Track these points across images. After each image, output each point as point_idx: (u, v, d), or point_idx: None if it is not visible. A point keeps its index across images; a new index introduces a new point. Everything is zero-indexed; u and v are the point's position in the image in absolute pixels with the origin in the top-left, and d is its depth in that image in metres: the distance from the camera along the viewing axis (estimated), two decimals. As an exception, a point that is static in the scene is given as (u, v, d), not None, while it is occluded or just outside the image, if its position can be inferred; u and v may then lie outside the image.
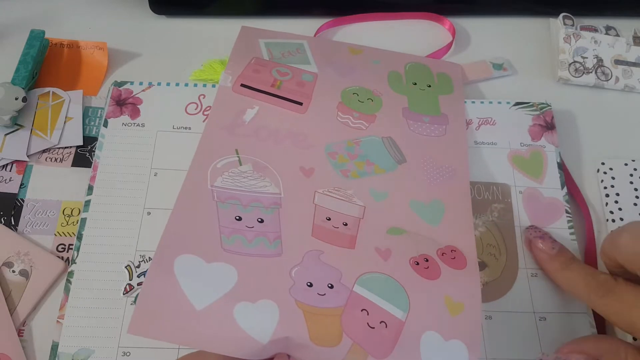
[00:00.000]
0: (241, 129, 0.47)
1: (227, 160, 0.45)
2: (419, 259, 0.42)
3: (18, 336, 0.41)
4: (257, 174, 0.45)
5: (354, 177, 0.46)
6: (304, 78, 0.51)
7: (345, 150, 0.47)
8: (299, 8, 0.59)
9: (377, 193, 0.45)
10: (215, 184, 0.44)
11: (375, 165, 0.46)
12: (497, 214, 0.46)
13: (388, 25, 0.60)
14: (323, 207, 0.44)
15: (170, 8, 0.59)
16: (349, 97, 0.50)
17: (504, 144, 0.49)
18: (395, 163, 0.47)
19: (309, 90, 0.50)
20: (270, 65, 0.51)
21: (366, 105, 0.50)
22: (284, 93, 0.49)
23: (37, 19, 0.57)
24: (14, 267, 0.43)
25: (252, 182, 0.44)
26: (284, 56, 0.52)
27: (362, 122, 0.48)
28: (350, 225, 0.43)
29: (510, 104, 0.51)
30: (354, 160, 0.46)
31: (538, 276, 0.44)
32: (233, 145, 0.46)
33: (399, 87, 0.52)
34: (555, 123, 0.51)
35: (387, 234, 0.43)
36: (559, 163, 0.48)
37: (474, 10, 0.60)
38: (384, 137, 0.48)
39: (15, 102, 0.49)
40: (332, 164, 0.46)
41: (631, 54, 0.56)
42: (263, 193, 0.44)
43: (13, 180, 0.47)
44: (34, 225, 0.45)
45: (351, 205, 0.44)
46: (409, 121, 0.49)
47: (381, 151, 0.47)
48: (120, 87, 0.50)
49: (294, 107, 0.48)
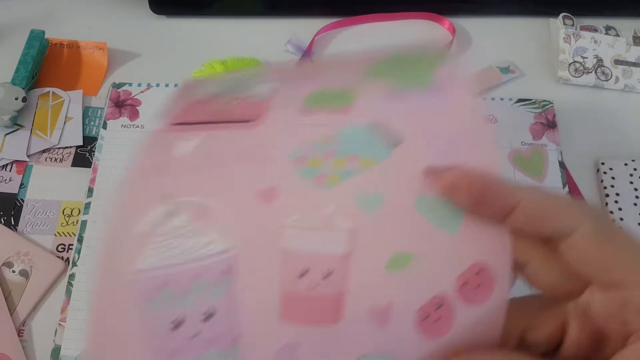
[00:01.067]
0: (173, 167, 0.35)
1: (153, 217, 0.32)
2: (429, 307, 0.31)
3: (18, 336, 0.41)
4: (197, 225, 0.32)
5: (334, 182, 0.33)
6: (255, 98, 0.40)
7: (317, 149, 0.34)
8: (299, 8, 0.59)
9: (368, 199, 0.32)
10: (137, 267, 0.31)
11: (360, 158, 0.34)
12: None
13: (388, 25, 0.60)
14: (293, 253, 0.31)
15: (170, 8, 0.59)
16: (314, 99, 0.38)
17: (504, 142, 0.49)
18: (387, 147, 0.34)
19: (263, 107, 0.38)
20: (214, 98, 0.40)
21: (338, 100, 0.38)
22: (230, 117, 0.38)
23: (37, 19, 0.57)
24: (14, 267, 0.43)
25: (190, 241, 0.31)
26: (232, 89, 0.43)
27: (335, 117, 0.36)
28: (336, 274, 0.30)
29: (512, 101, 0.51)
30: (330, 159, 0.34)
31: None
32: (163, 192, 0.33)
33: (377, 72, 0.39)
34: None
35: (386, 272, 0.31)
36: (560, 162, 0.48)
37: (473, 10, 0.60)
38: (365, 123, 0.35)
39: (15, 102, 0.49)
40: (300, 173, 0.34)
41: (631, 54, 0.56)
42: (208, 256, 0.31)
43: (13, 180, 0.47)
44: (34, 225, 0.45)
45: (333, 235, 0.32)
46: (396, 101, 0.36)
47: (367, 138, 0.35)
48: (118, 88, 0.50)
49: (244, 126, 0.37)
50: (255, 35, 0.58)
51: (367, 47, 0.56)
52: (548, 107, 0.51)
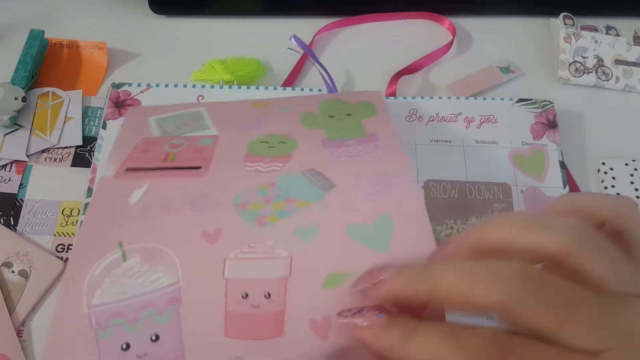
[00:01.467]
0: (125, 213, 0.37)
1: (108, 260, 0.35)
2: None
3: (17, 337, 0.41)
4: (147, 265, 0.35)
5: (273, 221, 0.36)
6: (202, 143, 0.43)
7: (259, 195, 0.38)
8: (299, 8, 0.59)
9: (305, 231, 0.35)
10: (92, 302, 0.33)
11: (297, 201, 0.37)
12: (498, 213, 0.46)
13: (388, 25, 0.60)
14: (236, 280, 0.34)
15: (170, 8, 0.59)
16: (257, 147, 0.42)
17: (505, 142, 0.49)
18: (321, 191, 0.38)
19: (209, 154, 0.42)
20: (161, 142, 0.43)
21: (278, 148, 0.42)
22: (178, 163, 0.41)
23: (36, 19, 0.57)
24: (13, 268, 0.43)
25: (139, 280, 0.34)
26: (179, 128, 0.45)
27: (276, 164, 0.40)
28: (275, 295, 0.33)
29: (512, 101, 0.51)
30: (270, 204, 0.37)
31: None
32: (117, 238, 0.36)
33: (314, 123, 0.45)
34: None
35: (323, 289, 0.33)
36: (560, 162, 0.48)
37: (474, 10, 0.60)
38: (302, 171, 0.40)
39: (15, 102, 0.49)
40: (242, 215, 0.37)
41: (631, 53, 0.55)
42: (156, 290, 0.34)
43: (12, 180, 0.47)
44: (34, 226, 0.45)
45: (272, 263, 0.34)
46: (332, 149, 0.42)
47: (303, 184, 0.39)
48: (118, 88, 0.50)
49: (191, 173, 0.40)
50: (255, 35, 0.58)
51: (368, 46, 0.57)
52: (548, 107, 0.51)
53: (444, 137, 0.49)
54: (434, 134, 0.49)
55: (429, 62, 0.56)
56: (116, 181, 0.40)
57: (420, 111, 0.50)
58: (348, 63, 0.56)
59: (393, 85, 0.53)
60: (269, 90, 0.51)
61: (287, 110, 0.46)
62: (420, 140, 0.49)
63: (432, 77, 0.56)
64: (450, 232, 0.45)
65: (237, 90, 0.51)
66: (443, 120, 0.50)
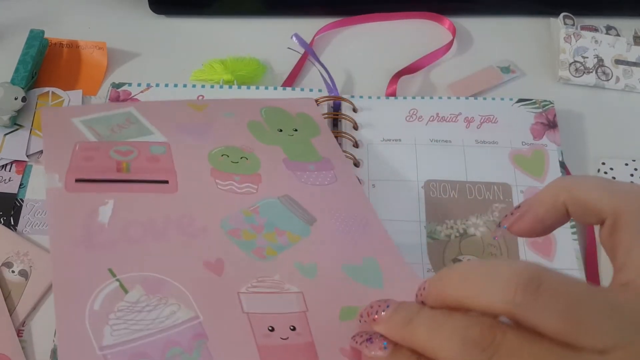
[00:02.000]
0: (101, 236, 0.35)
1: (104, 292, 0.32)
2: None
3: (17, 336, 0.41)
4: (155, 297, 0.33)
5: (272, 255, 0.37)
6: (153, 151, 0.41)
7: (246, 222, 0.38)
8: (299, 8, 0.59)
9: (305, 268, 0.37)
10: (104, 342, 0.30)
11: (287, 233, 0.39)
12: (497, 213, 0.46)
13: (388, 25, 0.60)
14: (258, 315, 0.34)
15: (170, 8, 0.59)
16: (219, 161, 0.42)
17: (505, 143, 0.49)
18: (305, 225, 0.40)
19: (168, 164, 0.40)
20: (103, 147, 0.40)
21: (242, 165, 0.42)
22: (137, 175, 0.39)
23: (36, 19, 0.57)
24: (13, 267, 0.43)
25: (152, 314, 0.32)
26: (114, 132, 0.42)
27: (249, 184, 0.41)
28: (300, 328, 0.33)
29: (512, 101, 0.51)
30: (261, 234, 0.38)
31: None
32: (102, 265, 0.33)
33: (266, 137, 0.45)
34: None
35: (340, 322, 0.34)
36: (561, 162, 0.48)
37: (474, 10, 0.60)
38: (279, 197, 0.41)
39: (15, 102, 0.49)
40: (239, 245, 0.37)
41: (632, 53, 0.55)
42: (175, 326, 0.32)
43: (12, 181, 0.47)
44: (34, 226, 0.45)
45: (288, 298, 0.35)
46: (296, 172, 0.43)
47: (285, 214, 0.40)
48: (118, 88, 0.50)
49: (160, 188, 0.39)
50: (255, 35, 0.58)
51: (368, 46, 0.57)
52: (548, 107, 0.51)
53: (444, 137, 0.49)
54: (434, 134, 0.49)
55: (429, 62, 0.56)
56: (69, 194, 0.37)
57: (420, 111, 0.50)
58: (348, 63, 0.56)
59: (393, 85, 0.53)
60: (269, 90, 0.51)
61: (229, 115, 0.46)
62: (420, 140, 0.49)
63: (432, 77, 0.56)
64: (450, 232, 0.45)
65: (237, 90, 0.51)
66: (443, 120, 0.50)
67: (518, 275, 0.24)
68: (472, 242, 0.45)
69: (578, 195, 0.28)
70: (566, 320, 0.23)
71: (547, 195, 0.29)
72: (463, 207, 0.46)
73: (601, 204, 0.27)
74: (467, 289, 0.25)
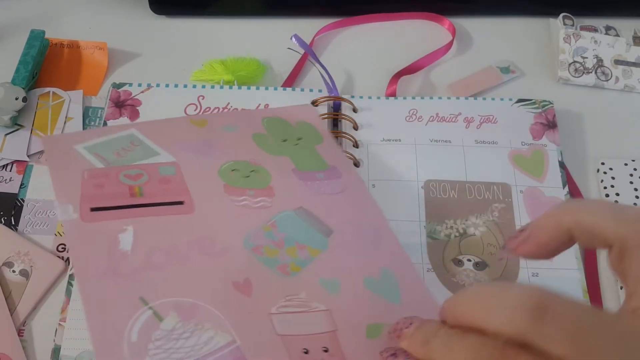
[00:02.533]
0: (126, 264, 0.35)
1: (139, 323, 0.32)
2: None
3: (18, 336, 0.41)
4: (190, 323, 0.33)
5: (295, 271, 0.37)
6: (163, 172, 0.41)
7: (267, 238, 0.38)
8: (299, 8, 0.59)
9: (329, 283, 0.37)
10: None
11: (307, 247, 0.38)
12: (497, 213, 0.46)
13: (388, 25, 0.60)
14: (292, 337, 0.34)
15: (170, 8, 0.59)
16: (230, 176, 0.42)
17: (504, 143, 0.49)
18: (324, 237, 0.39)
19: (181, 185, 0.40)
20: (112, 173, 0.40)
21: (253, 179, 0.42)
22: (151, 198, 0.39)
23: (37, 19, 0.57)
24: (14, 267, 0.43)
25: (190, 341, 0.32)
26: (121, 155, 0.42)
27: (264, 198, 0.41)
28: (332, 348, 0.34)
29: (512, 101, 0.51)
30: (283, 249, 0.38)
31: (539, 276, 0.44)
32: (132, 293, 0.33)
33: (272, 148, 0.45)
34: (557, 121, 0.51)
35: (367, 339, 0.34)
36: (560, 162, 0.48)
37: (474, 10, 0.60)
38: (295, 210, 0.41)
39: (16, 102, 0.49)
40: (264, 262, 0.37)
41: (631, 54, 0.56)
42: (216, 352, 0.32)
43: (13, 180, 0.47)
44: (34, 225, 0.45)
45: (317, 317, 0.35)
46: (306, 182, 0.43)
47: (302, 227, 0.40)
48: (118, 88, 0.50)
49: (176, 210, 0.38)
50: (255, 35, 0.58)
51: (368, 46, 0.57)
52: (548, 107, 0.51)
53: (444, 137, 0.49)
54: (433, 134, 0.49)
55: (429, 62, 0.56)
56: (87, 225, 0.37)
57: (420, 111, 0.51)
58: (348, 63, 0.56)
59: (393, 85, 0.54)
60: (269, 90, 0.51)
61: (230, 130, 0.46)
62: (420, 141, 0.49)
63: (432, 77, 0.56)
64: (450, 231, 0.45)
65: (237, 91, 0.51)
66: (443, 120, 0.50)
67: (525, 302, 0.24)
68: (471, 242, 0.45)
69: (583, 221, 0.28)
70: (574, 346, 0.23)
71: (551, 221, 0.29)
72: (463, 207, 0.46)
73: (607, 231, 0.27)
74: (478, 312, 0.26)
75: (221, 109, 0.50)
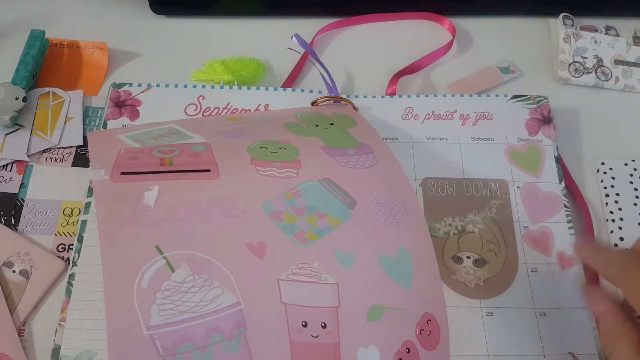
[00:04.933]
0: (148, 215, 0.35)
1: (152, 269, 0.33)
2: (402, 352, 0.35)
3: (18, 336, 0.41)
4: (200, 278, 0.33)
5: (312, 239, 0.36)
6: (194, 149, 0.41)
7: (287, 205, 0.38)
8: (299, 8, 0.59)
9: (344, 256, 0.36)
10: (151, 322, 0.31)
11: (328, 217, 0.38)
12: (495, 210, 0.46)
13: (388, 25, 0.60)
14: (295, 306, 0.34)
15: (170, 8, 0.59)
16: (258, 152, 0.41)
17: (501, 139, 0.49)
18: (347, 208, 0.39)
19: (209, 157, 0.40)
20: (147, 149, 0.41)
21: (281, 154, 0.41)
22: (180, 167, 0.39)
23: (37, 19, 0.58)
24: (14, 267, 0.43)
25: (197, 297, 0.32)
26: (156, 140, 0.43)
27: (289, 169, 0.40)
28: (330, 325, 0.34)
29: (507, 97, 0.51)
30: (303, 217, 0.37)
31: (538, 272, 0.44)
32: (149, 242, 0.34)
33: (303, 132, 0.44)
34: (555, 121, 0.51)
35: (367, 323, 0.34)
36: (556, 157, 0.48)
37: (474, 10, 0.60)
38: (320, 180, 0.40)
39: (16, 102, 0.49)
40: (281, 228, 0.37)
41: (631, 54, 0.56)
42: (217, 311, 0.32)
43: (13, 180, 0.47)
44: (34, 225, 0.45)
45: (323, 289, 0.35)
46: (335, 157, 0.42)
47: (326, 197, 0.39)
48: (119, 88, 0.50)
49: (203, 176, 0.38)
50: (255, 35, 0.58)
51: (368, 46, 0.57)
52: (543, 103, 0.51)
53: (441, 135, 0.49)
54: (430, 131, 0.49)
55: (429, 62, 0.56)
56: (115, 184, 0.37)
57: (416, 109, 0.51)
58: (348, 63, 0.56)
59: (393, 86, 0.54)
60: (269, 90, 0.51)
61: (265, 121, 0.46)
62: (417, 139, 0.49)
63: (432, 77, 0.56)
64: (449, 229, 0.45)
65: (237, 91, 0.51)
66: (439, 117, 0.50)
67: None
68: (470, 239, 0.45)
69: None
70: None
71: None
72: (461, 204, 0.46)
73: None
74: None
75: (221, 109, 0.50)
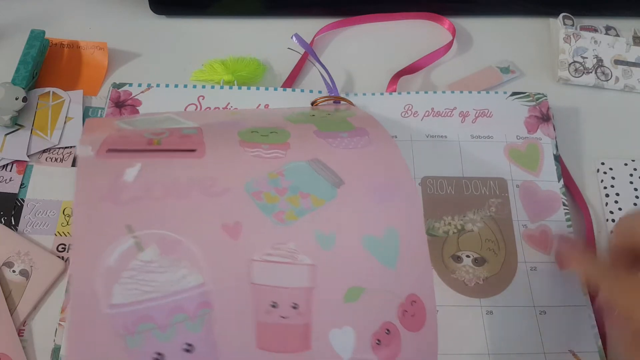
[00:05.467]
0: (126, 192, 0.34)
1: (120, 249, 0.32)
2: (381, 333, 0.34)
3: (18, 336, 0.41)
4: (168, 258, 0.32)
5: (291, 219, 0.35)
6: (185, 132, 0.40)
7: (271, 185, 0.36)
8: (299, 8, 0.59)
9: (324, 237, 0.35)
10: (113, 301, 0.30)
11: (312, 197, 0.36)
12: (494, 208, 0.46)
13: (388, 25, 0.60)
14: (264, 286, 0.33)
15: (170, 8, 0.59)
16: (249, 135, 0.40)
17: (500, 137, 0.49)
18: (333, 187, 0.37)
19: (198, 139, 0.39)
20: (138, 132, 0.40)
21: (271, 137, 0.40)
22: (167, 147, 0.38)
23: (37, 19, 0.57)
24: (14, 267, 0.43)
25: (163, 277, 0.31)
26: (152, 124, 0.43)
27: (277, 150, 0.39)
28: (302, 307, 0.33)
29: (507, 94, 0.51)
30: (284, 197, 0.36)
31: (537, 270, 0.44)
32: (122, 220, 0.32)
33: (298, 119, 0.44)
34: (555, 121, 0.51)
35: (344, 304, 0.33)
36: (555, 155, 0.48)
37: (474, 10, 0.60)
38: (308, 160, 0.38)
39: (16, 102, 0.49)
40: (261, 208, 0.35)
41: (631, 54, 0.56)
42: (183, 291, 0.31)
43: (13, 180, 0.47)
44: (34, 225, 0.45)
45: (297, 270, 0.34)
46: (327, 139, 0.40)
47: (311, 176, 0.37)
48: (119, 88, 0.50)
49: (188, 155, 0.37)
50: (255, 35, 0.58)
51: (368, 46, 0.57)
52: (542, 100, 0.51)
53: (440, 133, 0.49)
54: (429, 129, 0.49)
55: (429, 62, 0.56)
56: (99, 160, 0.35)
57: (415, 106, 0.51)
58: (348, 63, 0.56)
59: (393, 86, 0.54)
60: (269, 90, 0.51)
61: (262, 115, 0.46)
62: (416, 137, 0.49)
63: (432, 77, 0.56)
64: (448, 228, 0.45)
65: (237, 91, 0.51)
66: (438, 115, 0.50)
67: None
68: (470, 238, 0.45)
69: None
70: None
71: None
72: (460, 203, 0.46)
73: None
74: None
75: (221, 109, 0.50)
